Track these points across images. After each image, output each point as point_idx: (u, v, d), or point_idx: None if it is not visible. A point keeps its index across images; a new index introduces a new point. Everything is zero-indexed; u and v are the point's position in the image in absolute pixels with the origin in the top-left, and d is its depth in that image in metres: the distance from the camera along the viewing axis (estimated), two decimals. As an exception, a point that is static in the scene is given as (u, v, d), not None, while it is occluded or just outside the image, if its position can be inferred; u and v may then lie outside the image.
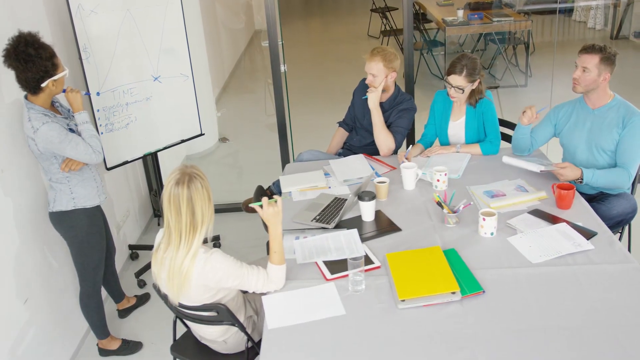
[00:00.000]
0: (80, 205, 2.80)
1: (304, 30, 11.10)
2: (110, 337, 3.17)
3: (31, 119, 2.55)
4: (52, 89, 2.58)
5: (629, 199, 2.83)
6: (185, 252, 2.08)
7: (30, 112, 2.56)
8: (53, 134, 2.56)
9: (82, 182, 2.79)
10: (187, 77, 3.67)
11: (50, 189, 2.79)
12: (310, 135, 5.10)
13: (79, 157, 2.66)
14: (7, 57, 2.48)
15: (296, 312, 2.11)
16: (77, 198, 2.78)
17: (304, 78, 7.49)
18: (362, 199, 2.65)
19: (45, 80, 2.52)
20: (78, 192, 2.78)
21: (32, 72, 2.48)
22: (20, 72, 2.49)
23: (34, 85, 2.52)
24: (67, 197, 2.76)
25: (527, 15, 6.83)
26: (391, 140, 3.30)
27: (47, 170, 2.73)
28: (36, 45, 2.48)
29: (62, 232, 2.86)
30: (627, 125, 2.76)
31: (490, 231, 2.45)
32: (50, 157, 2.67)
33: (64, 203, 2.77)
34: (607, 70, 2.79)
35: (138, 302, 3.55)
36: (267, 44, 4.00)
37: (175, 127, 3.71)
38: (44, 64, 2.49)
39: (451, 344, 1.90)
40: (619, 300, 2.03)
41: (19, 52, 2.45)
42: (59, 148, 2.60)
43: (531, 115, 2.93)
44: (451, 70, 3.10)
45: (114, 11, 3.24)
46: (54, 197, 2.77)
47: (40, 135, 2.55)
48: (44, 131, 2.54)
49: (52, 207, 2.79)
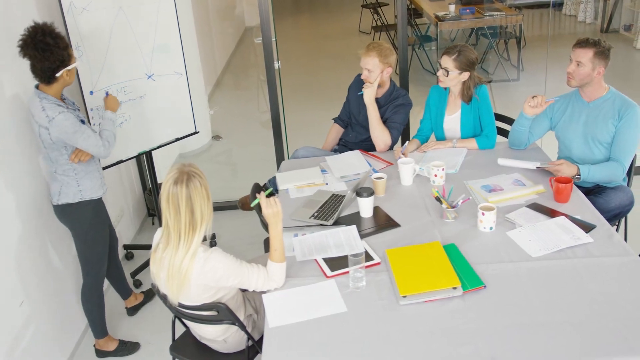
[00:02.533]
0: (86, 197, 2.81)
1: (295, 26, 11.06)
2: (108, 337, 3.14)
3: (45, 109, 2.57)
4: (65, 79, 2.63)
5: (626, 192, 2.84)
6: (184, 252, 2.06)
7: (44, 102, 2.58)
8: (68, 124, 2.59)
9: (88, 175, 2.81)
10: (181, 74, 3.64)
11: (54, 181, 2.78)
12: (304, 132, 5.09)
13: (89, 148, 2.70)
14: (24, 46, 2.51)
15: (297, 310, 2.10)
16: (83, 190, 2.80)
17: (296, 74, 7.47)
18: (361, 195, 2.64)
19: (60, 70, 2.56)
20: (84, 184, 2.80)
21: (50, 62, 2.51)
22: (37, 62, 2.51)
23: (50, 75, 2.55)
24: (73, 190, 2.77)
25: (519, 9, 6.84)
26: (387, 136, 3.29)
27: (55, 161, 2.72)
28: (53, 34, 2.52)
29: (68, 224, 2.87)
30: (623, 117, 2.77)
31: (490, 226, 2.44)
32: (61, 148, 2.68)
33: (71, 195, 2.78)
34: (602, 64, 2.79)
35: (146, 299, 3.53)
36: (260, 40, 3.98)
37: (170, 126, 3.68)
38: (61, 53, 2.53)
39: (454, 339, 1.90)
40: (620, 292, 2.03)
41: (37, 41, 2.48)
42: (71, 138, 2.63)
43: (541, 100, 2.91)
44: (445, 51, 3.14)
45: (106, 9, 3.20)
46: (59, 190, 2.77)
47: (55, 125, 2.57)
48: (60, 120, 2.57)
49: (57, 199, 2.79)
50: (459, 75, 3.12)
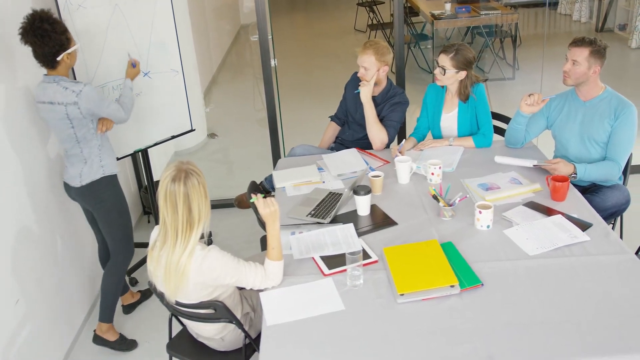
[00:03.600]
0: (108, 173, 2.93)
1: (290, 25, 11.05)
2: (111, 326, 3.13)
3: (68, 87, 2.68)
4: (67, 62, 2.72)
5: (623, 191, 2.85)
6: (182, 250, 2.06)
7: (62, 83, 2.69)
8: (94, 93, 2.74)
9: (108, 151, 2.95)
10: (177, 72, 3.63)
11: (74, 165, 2.87)
12: (300, 130, 5.08)
13: (113, 114, 2.86)
14: (24, 33, 2.60)
15: (295, 308, 2.10)
16: (105, 166, 2.91)
17: (291, 73, 7.46)
18: (358, 193, 2.64)
19: (61, 54, 2.66)
20: (106, 161, 2.92)
21: (49, 47, 2.61)
22: (37, 47, 2.61)
23: (51, 60, 2.66)
24: (96, 166, 2.88)
25: (514, 8, 6.86)
26: (384, 134, 3.29)
27: (82, 140, 2.80)
28: (50, 20, 2.61)
29: (93, 203, 2.94)
30: (619, 116, 2.78)
31: (487, 224, 2.45)
32: (89, 122, 2.79)
33: (93, 173, 2.87)
34: (597, 63, 2.80)
35: (142, 298, 3.52)
36: (257, 38, 3.97)
37: (166, 123, 3.67)
38: (59, 37, 2.62)
39: (452, 338, 1.90)
40: (617, 291, 2.04)
41: (36, 27, 2.57)
42: (99, 106, 2.77)
43: (537, 99, 2.92)
44: (443, 49, 3.14)
45: (102, 5, 3.18)
46: (80, 172, 2.86)
47: (84, 96, 2.68)
48: (87, 91, 2.70)
49: (80, 181, 2.87)
50: (455, 74, 3.13)
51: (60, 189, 3.08)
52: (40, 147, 3.01)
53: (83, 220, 3.24)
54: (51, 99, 2.69)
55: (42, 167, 3.01)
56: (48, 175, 3.06)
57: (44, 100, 2.71)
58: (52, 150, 3.12)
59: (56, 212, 3.12)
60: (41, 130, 3.00)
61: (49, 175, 3.07)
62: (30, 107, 2.89)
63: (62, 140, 2.84)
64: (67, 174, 2.92)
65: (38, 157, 2.98)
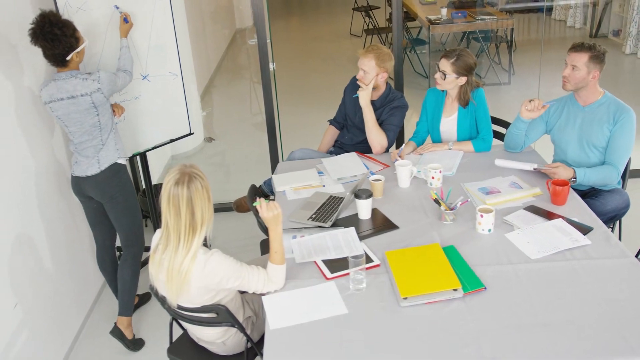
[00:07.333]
0: (122, 156, 3.02)
1: (286, 29, 11.06)
2: (131, 321, 3.16)
3: (86, 78, 2.78)
4: (76, 59, 2.81)
5: (622, 195, 2.87)
6: (184, 253, 2.05)
7: (79, 75, 2.78)
8: (109, 74, 2.88)
9: (118, 137, 3.03)
10: (176, 75, 3.62)
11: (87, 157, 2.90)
12: (298, 134, 5.08)
13: (124, 83, 3.03)
14: (34, 36, 2.67)
15: (298, 311, 2.09)
16: (120, 149, 3.01)
17: (288, 77, 7.46)
18: (359, 197, 2.64)
19: (70, 54, 2.75)
20: (120, 145, 3.02)
21: (59, 49, 2.70)
22: (47, 50, 2.70)
23: (61, 60, 2.75)
24: (112, 149, 2.96)
25: (510, 13, 6.90)
26: (383, 138, 3.30)
27: (104, 127, 2.88)
28: (60, 24, 2.69)
29: (111, 191, 2.96)
30: (618, 121, 2.80)
31: (488, 228, 2.45)
32: (109, 107, 2.92)
33: (111, 156, 2.95)
34: (597, 68, 2.82)
35: (140, 301, 3.50)
36: (255, 41, 3.97)
37: (164, 127, 3.66)
38: (69, 40, 2.71)
39: (455, 341, 1.90)
40: (619, 293, 2.05)
41: (46, 32, 2.65)
42: (116, 83, 2.93)
43: (538, 104, 2.93)
44: (444, 54, 3.15)
45: (102, 8, 3.17)
46: (98, 158, 2.91)
47: (104, 79, 2.82)
48: (104, 76, 2.82)
49: (99, 167, 2.92)
50: (455, 80, 3.13)
51: (59, 193, 3.06)
52: (39, 151, 3.00)
53: (81, 223, 3.23)
54: (71, 93, 2.75)
55: (40, 171, 2.99)
56: (46, 179, 3.04)
57: (61, 97, 2.75)
58: (51, 155, 3.11)
59: (54, 215, 3.11)
60: (39, 135, 2.99)
61: (47, 179, 3.05)
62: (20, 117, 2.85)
63: (83, 132, 2.85)
64: (80, 168, 2.93)
65: (36, 161, 2.97)
